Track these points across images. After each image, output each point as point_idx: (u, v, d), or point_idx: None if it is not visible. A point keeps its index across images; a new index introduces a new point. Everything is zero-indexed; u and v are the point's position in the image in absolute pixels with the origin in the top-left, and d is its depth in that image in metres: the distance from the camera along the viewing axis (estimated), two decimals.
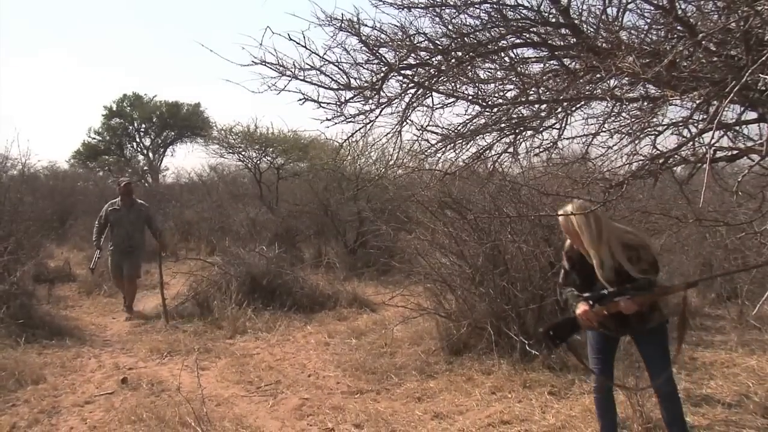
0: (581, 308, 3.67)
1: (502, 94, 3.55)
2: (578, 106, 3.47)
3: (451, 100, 3.51)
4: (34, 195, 11.85)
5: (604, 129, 3.38)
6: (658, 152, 2.96)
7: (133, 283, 8.95)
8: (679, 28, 2.82)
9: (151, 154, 33.51)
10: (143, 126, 33.37)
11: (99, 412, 5.06)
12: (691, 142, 2.93)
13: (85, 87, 55.67)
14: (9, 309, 7.11)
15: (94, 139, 32.40)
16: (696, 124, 3.00)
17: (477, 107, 3.49)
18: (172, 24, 59.07)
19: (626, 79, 2.92)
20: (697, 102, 2.74)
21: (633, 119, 3.23)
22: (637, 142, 3.18)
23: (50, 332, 7.26)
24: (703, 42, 2.56)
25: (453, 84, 3.46)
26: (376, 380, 5.59)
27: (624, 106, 3.19)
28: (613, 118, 3.36)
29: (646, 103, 3.07)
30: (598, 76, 3.04)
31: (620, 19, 3.14)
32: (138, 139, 33.65)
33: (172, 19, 59.58)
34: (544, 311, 5.92)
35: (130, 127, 33.27)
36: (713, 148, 2.38)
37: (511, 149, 3.80)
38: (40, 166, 18.31)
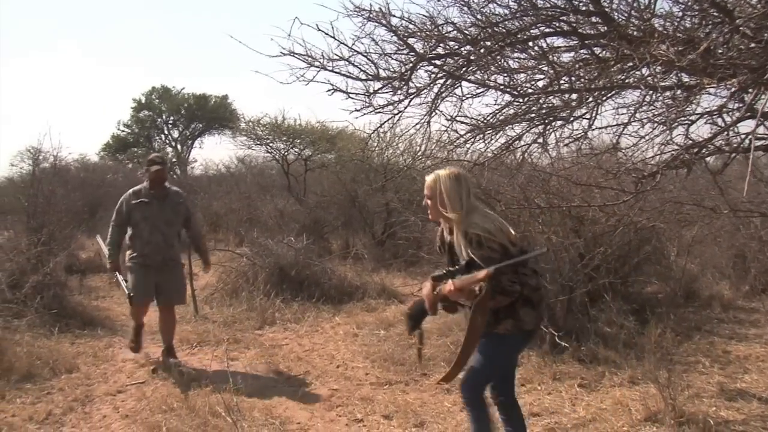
0: (425, 288, 3.36)
1: (532, 83, 3.52)
2: (610, 95, 3.42)
3: (481, 89, 3.48)
4: (66, 187, 11.95)
5: (635, 118, 3.33)
6: (692, 142, 2.90)
7: (171, 312, 6.07)
8: (714, 13, 2.75)
9: (179, 146, 33.98)
10: (172, 118, 33.83)
11: (131, 401, 5.13)
12: (726, 132, 2.87)
13: (114, 82, 56.69)
14: (43, 299, 7.23)
15: (124, 131, 32.96)
16: (731, 113, 2.94)
17: (507, 97, 3.47)
18: (198, 17, 59.53)
19: (659, 67, 2.87)
20: (733, 90, 2.68)
21: (666, 108, 3.17)
22: (669, 131, 3.13)
23: (83, 322, 7.37)
24: (741, 27, 2.50)
25: (483, 73, 3.43)
26: (405, 371, 5.59)
27: (657, 94, 3.13)
28: (645, 108, 3.30)
29: (680, 92, 3.01)
30: (630, 64, 2.99)
31: (653, 6, 3.09)
32: (166, 131, 34.14)
33: (196, 12, 60.05)
34: (573, 303, 5.87)
35: (159, 120, 33.75)
36: (754, 137, 2.32)
37: (540, 139, 3.77)
38: (71, 158, 18.50)
